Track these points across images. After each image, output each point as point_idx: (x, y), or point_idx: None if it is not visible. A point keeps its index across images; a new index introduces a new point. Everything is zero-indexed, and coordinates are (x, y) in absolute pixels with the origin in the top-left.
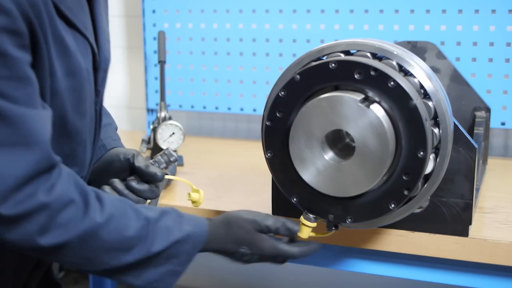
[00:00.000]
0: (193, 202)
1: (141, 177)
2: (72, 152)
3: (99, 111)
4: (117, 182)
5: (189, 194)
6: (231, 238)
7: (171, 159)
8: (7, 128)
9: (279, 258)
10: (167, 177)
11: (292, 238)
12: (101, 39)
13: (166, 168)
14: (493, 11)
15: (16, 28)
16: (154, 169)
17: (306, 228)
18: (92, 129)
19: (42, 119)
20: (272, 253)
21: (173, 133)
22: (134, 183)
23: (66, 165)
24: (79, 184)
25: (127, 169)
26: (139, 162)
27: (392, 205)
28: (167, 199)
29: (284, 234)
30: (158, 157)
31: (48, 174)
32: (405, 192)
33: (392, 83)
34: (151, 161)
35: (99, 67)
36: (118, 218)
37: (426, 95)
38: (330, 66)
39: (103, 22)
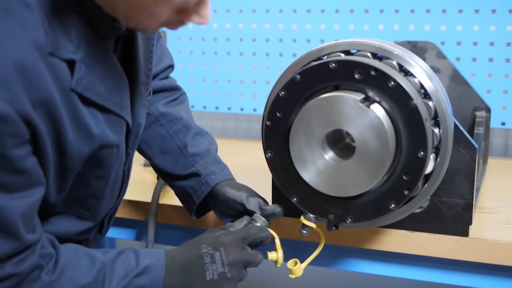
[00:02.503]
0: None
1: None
2: (84, 199)
3: (127, 170)
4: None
5: (268, 254)
6: (194, 245)
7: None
8: None
9: (240, 240)
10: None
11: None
12: (137, 106)
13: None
14: (493, 11)
15: (15, 131)
16: (270, 208)
17: (298, 268)
18: (117, 186)
19: (28, 204)
20: (233, 239)
21: None
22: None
23: (77, 209)
24: (42, 250)
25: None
26: (251, 205)
27: (392, 205)
28: (166, 199)
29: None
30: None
31: (18, 255)
32: (405, 192)
33: (392, 83)
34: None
35: (131, 132)
36: (72, 269)
37: (426, 95)
38: (331, 66)
39: (141, 90)
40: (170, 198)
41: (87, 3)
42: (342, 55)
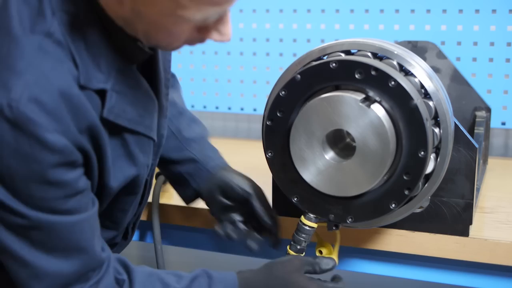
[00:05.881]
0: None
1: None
2: (111, 213)
3: (149, 180)
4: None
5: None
6: (271, 283)
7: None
8: (60, 239)
9: None
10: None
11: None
12: (160, 118)
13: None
14: (494, 11)
15: (71, 159)
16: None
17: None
18: (139, 196)
19: (90, 222)
20: None
21: None
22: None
23: (103, 221)
24: (118, 276)
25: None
26: (257, 208)
27: (393, 205)
28: (165, 199)
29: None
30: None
31: (93, 272)
32: (406, 192)
33: (392, 82)
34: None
35: (155, 144)
36: None
37: (426, 95)
38: (331, 66)
39: (163, 102)
40: (170, 198)
41: (110, 27)
42: (343, 55)
